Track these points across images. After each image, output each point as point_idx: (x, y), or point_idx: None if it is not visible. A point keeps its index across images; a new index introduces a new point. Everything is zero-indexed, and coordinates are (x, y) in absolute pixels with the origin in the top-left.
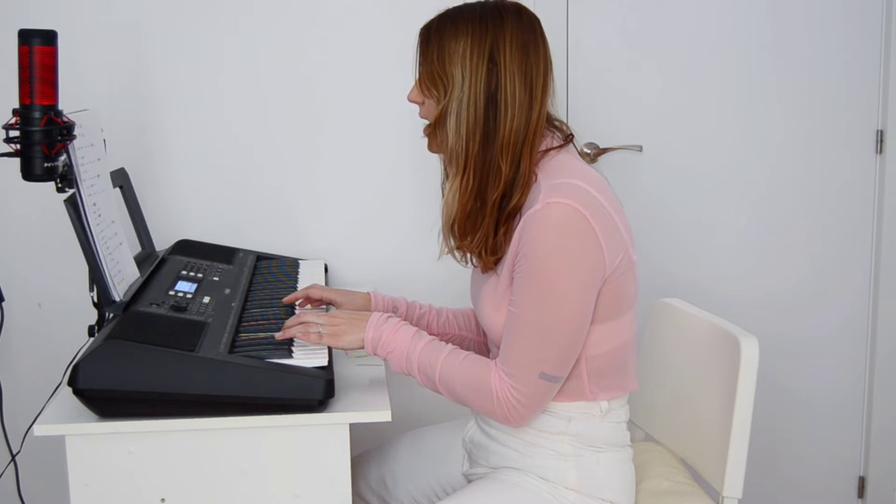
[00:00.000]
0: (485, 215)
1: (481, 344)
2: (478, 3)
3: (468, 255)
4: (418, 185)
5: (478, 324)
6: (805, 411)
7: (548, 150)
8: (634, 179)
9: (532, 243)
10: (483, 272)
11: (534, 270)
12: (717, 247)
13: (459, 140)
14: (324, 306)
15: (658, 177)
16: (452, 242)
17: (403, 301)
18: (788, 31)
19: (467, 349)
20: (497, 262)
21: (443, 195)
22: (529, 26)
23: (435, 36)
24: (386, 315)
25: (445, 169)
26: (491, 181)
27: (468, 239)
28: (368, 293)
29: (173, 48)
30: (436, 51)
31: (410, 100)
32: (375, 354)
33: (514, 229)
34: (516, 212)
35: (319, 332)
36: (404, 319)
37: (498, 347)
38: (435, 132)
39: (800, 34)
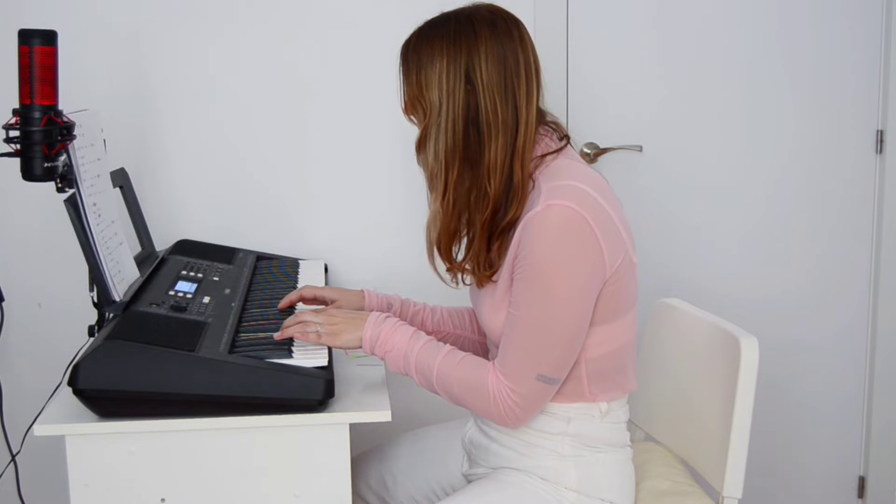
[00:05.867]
0: (474, 235)
1: (477, 343)
2: (452, 13)
3: (459, 275)
4: (417, 185)
5: (472, 321)
6: (805, 411)
7: (544, 156)
8: (634, 180)
9: (532, 245)
10: (479, 287)
11: (533, 272)
12: (717, 247)
13: (438, 165)
14: (321, 306)
15: (658, 177)
16: (442, 265)
17: (397, 298)
18: (788, 31)
19: (463, 348)
20: (492, 275)
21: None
22: (506, 32)
23: (413, 56)
24: (385, 314)
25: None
26: (476, 205)
27: (457, 259)
28: (362, 290)
29: (174, 49)
30: (414, 73)
31: (403, 113)
32: (373, 353)
33: (511, 239)
34: (511, 226)
35: (318, 332)
36: (398, 317)
37: (497, 348)
38: (419, 152)
39: (800, 34)
